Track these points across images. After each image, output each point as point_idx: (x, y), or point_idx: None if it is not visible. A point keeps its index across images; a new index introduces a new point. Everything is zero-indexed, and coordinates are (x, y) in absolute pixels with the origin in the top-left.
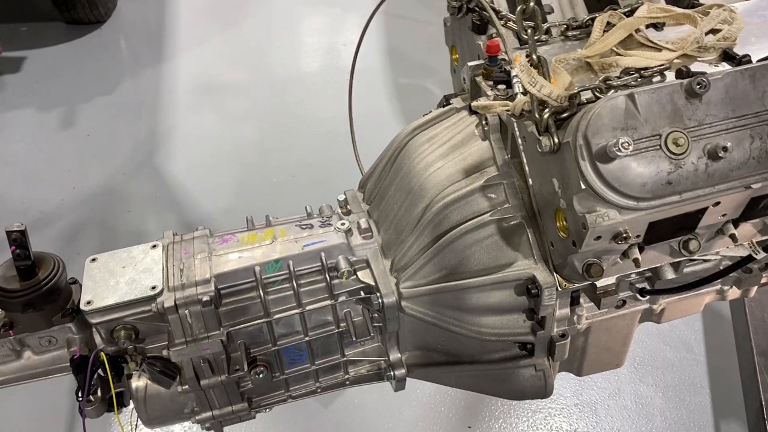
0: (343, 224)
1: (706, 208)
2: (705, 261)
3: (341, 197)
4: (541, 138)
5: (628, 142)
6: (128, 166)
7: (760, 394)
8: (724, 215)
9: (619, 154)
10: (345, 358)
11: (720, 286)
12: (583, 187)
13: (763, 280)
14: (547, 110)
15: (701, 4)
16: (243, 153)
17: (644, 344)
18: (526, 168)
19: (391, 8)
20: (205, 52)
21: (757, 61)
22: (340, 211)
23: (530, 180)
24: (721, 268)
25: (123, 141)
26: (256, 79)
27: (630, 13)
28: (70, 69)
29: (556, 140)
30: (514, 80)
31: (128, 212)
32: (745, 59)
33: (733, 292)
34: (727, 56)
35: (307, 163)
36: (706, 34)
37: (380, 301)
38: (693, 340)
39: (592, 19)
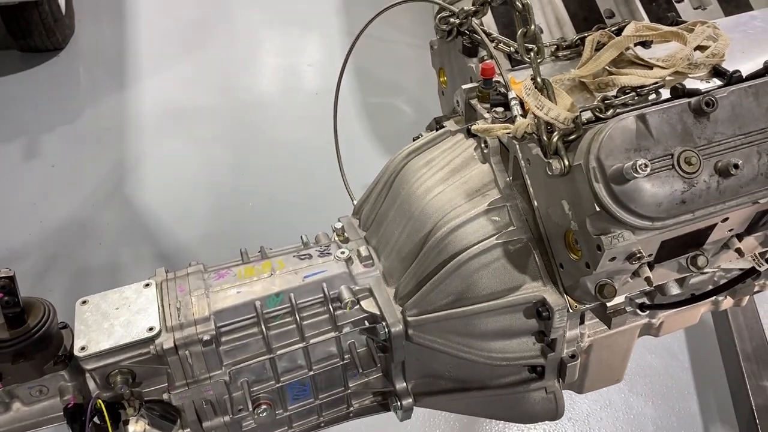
0: (342, 253)
1: (715, 225)
2: (702, 273)
3: (338, 225)
4: (551, 161)
5: (645, 164)
6: (97, 196)
7: (750, 399)
8: (730, 230)
9: (636, 175)
10: (349, 391)
11: (715, 297)
12: (597, 209)
13: (756, 289)
14: (555, 133)
15: (684, 21)
16: (215, 178)
17: None
18: (531, 190)
19: (356, 28)
20: (168, 76)
21: (747, 77)
22: (337, 239)
23: (535, 202)
24: (716, 279)
25: (90, 171)
26: (222, 102)
27: (618, 32)
28: (29, 98)
29: (567, 163)
30: (512, 102)
31: (99, 245)
32: (736, 75)
33: (727, 302)
34: (717, 72)
35: (282, 186)
36: (694, 50)
37: (386, 330)
38: (676, 347)
39: (582, 39)
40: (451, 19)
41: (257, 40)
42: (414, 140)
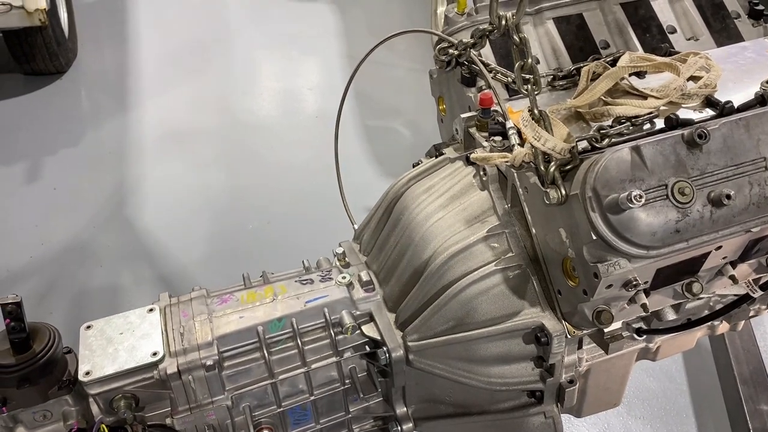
0: (344, 278)
1: (709, 253)
2: (697, 299)
3: (339, 249)
4: (548, 190)
5: (640, 195)
6: (97, 219)
7: (747, 422)
8: (724, 258)
9: (631, 205)
10: (350, 415)
11: (711, 322)
12: (594, 237)
13: (751, 314)
14: (552, 163)
15: (677, 52)
16: (215, 201)
17: None
18: (529, 217)
19: (355, 52)
20: (168, 99)
21: (739, 107)
22: (338, 264)
23: (533, 229)
24: (711, 304)
25: (90, 193)
26: (222, 126)
27: (613, 63)
28: (31, 121)
29: (564, 192)
30: (510, 132)
31: (100, 267)
32: (729, 105)
33: (723, 327)
34: (710, 103)
35: (281, 209)
36: (687, 81)
37: (387, 355)
38: (674, 371)
39: (578, 69)
40: (450, 50)
41: (257, 63)
42: (414, 166)
